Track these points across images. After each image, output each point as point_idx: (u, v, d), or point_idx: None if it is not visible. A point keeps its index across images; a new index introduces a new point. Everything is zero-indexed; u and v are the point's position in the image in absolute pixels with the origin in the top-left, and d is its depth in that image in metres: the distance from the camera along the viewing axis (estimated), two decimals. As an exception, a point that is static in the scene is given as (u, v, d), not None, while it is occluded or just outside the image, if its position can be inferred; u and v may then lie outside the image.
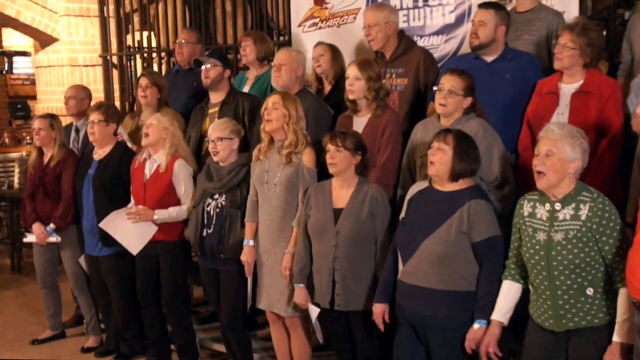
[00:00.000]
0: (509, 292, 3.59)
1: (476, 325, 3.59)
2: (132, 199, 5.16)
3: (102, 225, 5.10)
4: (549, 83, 4.36)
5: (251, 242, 4.58)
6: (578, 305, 3.34)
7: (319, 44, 5.50)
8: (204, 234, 4.74)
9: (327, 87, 5.41)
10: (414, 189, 3.89)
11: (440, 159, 3.69)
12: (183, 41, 6.24)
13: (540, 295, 3.43)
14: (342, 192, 4.18)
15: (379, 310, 3.89)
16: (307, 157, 4.41)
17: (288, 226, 4.42)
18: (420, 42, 5.38)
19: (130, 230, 5.01)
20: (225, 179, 4.70)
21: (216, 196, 4.74)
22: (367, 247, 4.07)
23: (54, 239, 5.65)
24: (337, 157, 4.11)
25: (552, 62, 4.35)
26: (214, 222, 4.71)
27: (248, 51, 5.75)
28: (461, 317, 3.61)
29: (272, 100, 4.46)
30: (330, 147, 4.13)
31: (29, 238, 5.75)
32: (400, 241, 3.80)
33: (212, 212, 4.73)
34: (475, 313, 3.60)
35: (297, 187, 4.41)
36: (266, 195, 4.49)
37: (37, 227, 5.65)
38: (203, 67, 5.29)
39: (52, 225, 5.60)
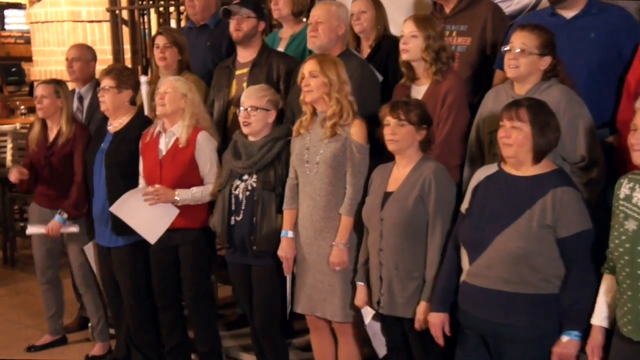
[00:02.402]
0: (610, 289, 3.53)
1: (565, 338, 3.58)
2: (141, 180, 5.21)
3: (113, 209, 5.13)
4: None
5: (290, 234, 4.63)
6: None
7: None
8: (232, 222, 4.79)
9: (366, 51, 5.43)
10: (480, 174, 3.89)
11: (517, 139, 3.67)
12: None
13: (622, 294, 3.41)
14: (400, 172, 4.20)
15: (438, 321, 3.91)
16: (356, 130, 4.43)
17: (335, 214, 4.46)
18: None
19: (147, 214, 5.04)
20: (257, 156, 4.73)
21: (245, 177, 4.78)
22: (417, 239, 4.08)
23: (75, 228, 5.67)
24: (400, 132, 4.12)
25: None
26: (243, 208, 4.76)
27: (281, 4, 5.78)
28: (544, 326, 3.61)
29: (308, 68, 4.50)
30: (391, 120, 4.13)
31: (32, 229, 5.78)
32: (466, 237, 3.80)
33: (240, 195, 4.77)
34: (564, 323, 3.59)
35: (344, 166, 4.45)
36: (307, 177, 4.53)
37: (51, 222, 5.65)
38: (232, 18, 5.34)
39: (64, 215, 5.62)
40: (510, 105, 3.76)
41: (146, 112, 5.59)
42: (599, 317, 3.55)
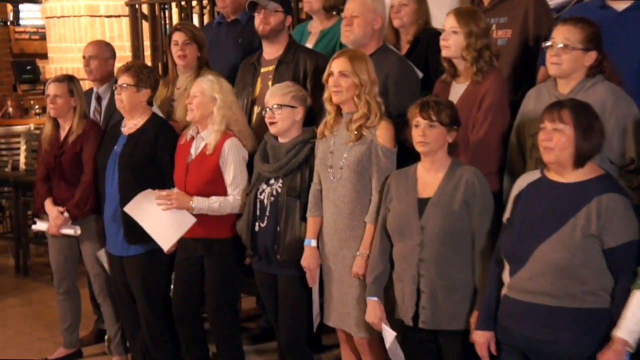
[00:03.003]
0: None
1: None
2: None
3: (127, 209, 5.14)
4: None
5: (313, 243, 4.65)
6: None
7: None
8: (256, 228, 4.82)
9: (405, 47, 5.43)
10: (522, 182, 3.88)
11: (558, 142, 3.65)
12: None
13: None
14: (429, 177, 4.18)
15: (483, 340, 3.89)
16: (382, 133, 4.43)
17: (359, 222, 4.47)
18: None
19: (162, 218, 5.06)
20: (283, 160, 4.75)
21: (271, 181, 4.81)
22: (462, 247, 4.07)
23: (71, 231, 5.72)
24: (431, 134, 4.11)
25: None
26: (267, 214, 4.78)
27: None
28: (591, 343, 3.58)
29: (338, 67, 4.49)
30: (421, 121, 4.12)
31: (39, 225, 5.85)
32: (507, 247, 3.79)
33: (265, 201, 4.80)
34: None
35: (369, 171, 4.45)
36: (331, 183, 4.54)
37: (51, 209, 5.73)
38: (258, 12, 5.35)
39: (66, 214, 5.67)
40: (552, 106, 3.73)
41: None
42: (626, 330, 3.52)
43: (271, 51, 5.43)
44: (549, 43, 4.14)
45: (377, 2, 5.06)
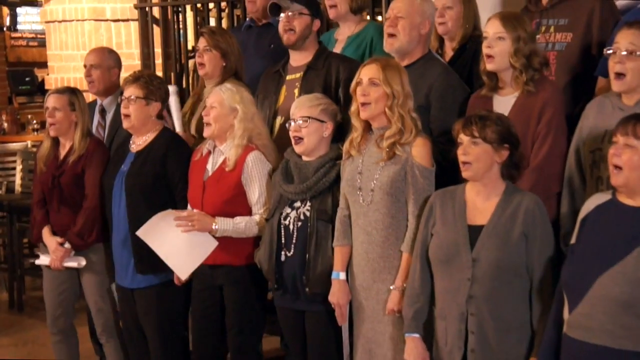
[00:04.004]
0: None
1: None
2: (189, 205, 5.24)
3: (140, 233, 5.13)
4: None
5: (342, 275, 4.64)
6: None
7: None
8: (282, 258, 4.82)
9: (449, 54, 5.44)
10: (590, 204, 3.85)
11: (629, 160, 3.63)
12: None
13: None
14: (480, 202, 4.17)
15: None
16: (419, 150, 4.42)
17: (394, 251, 4.46)
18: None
19: (179, 243, 5.05)
20: (311, 180, 4.75)
21: (297, 204, 4.81)
22: (519, 283, 4.05)
23: (74, 263, 5.70)
24: (473, 152, 4.09)
25: None
26: (294, 242, 4.78)
27: (338, 0, 5.80)
28: None
29: (368, 74, 4.50)
30: (464, 137, 4.12)
31: (42, 260, 5.80)
32: (566, 277, 3.77)
33: (291, 226, 4.80)
34: None
35: (405, 193, 4.44)
36: (361, 207, 4.52)
37: (50, 240, 5.73)
38: (282, 15, 5.36)
39: (67, 245, 5.67)
40: (628, 119, 3.71)
41: (177, 129, 5.65)
42: None
43: (299, 58, 5.44)
44: (611, 50, 4.13)
45: (427, 3, 5.07)
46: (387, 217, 4.46)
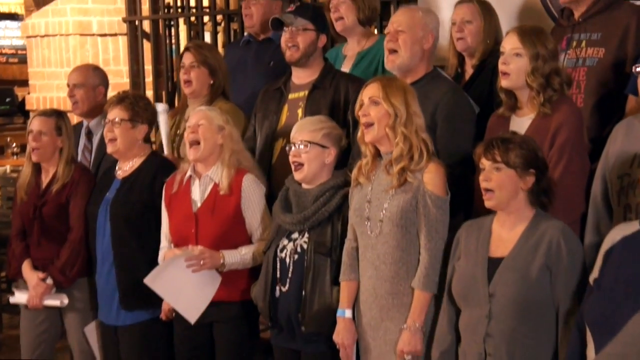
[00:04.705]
0: None
1: None
2: (163, 240, 5.25)
3: (148, 281, 5.11)
4: None
5: (348, 313, 4.62)
6: None
7: (465, 1, 5.52)
8: (277, 293, 4.82)
9: (470, 72, 5.44)
10: (615, 235, 3.85)
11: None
12: None
13: None
14: (505, 232, 4.17)
15: None
16: (431, 177, 4.41)
17: (405, 287, 4.44)
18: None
19: (187, 285, 5.05)
20: (310, 209, 4.76)
21: (295, 235, 4.81)
22: (541, 321, 4.04)
23: (56, 301, 5.68)
24: (496, 179, 4.10)
25: None
26: (290, 276, 4.78)
27: (344, 11, 5.81)
28: None
29: (368, 93, 4.51)
30: (485, 162, 4.12)
31: (18, 297, 5.78)
32: (591, 315, 3.76)
33: (288, 259, 4.80)
34: None
35: (416, 225, 4.43)
36: (369, 239, 4.52)
37: (30, 275, 5.70)
38: (285, 30, 5.35)
39: (49, 280, 5.64)
40: None
41: (166, 152, 5.66)
42: None
43: (303, 75, 5.44)
44: (638, 68, 4.16)
45: (429, 16, 5.10)
46: (397, 251, 4.45)
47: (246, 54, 6.29)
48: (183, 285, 5.06)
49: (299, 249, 4.78)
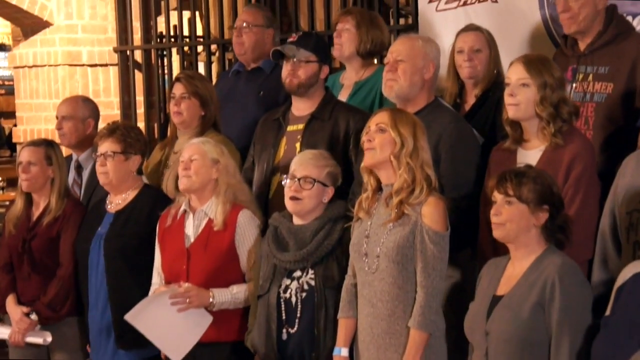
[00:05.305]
0: None
1: None
2: (155, 276, 5.23)
3: (129, 317, 5.09)
4: None
5: (344, 352, 4.60)
6: None
7: (473, 29, 5.56)
8: (284, 336, 4.77)
9: (470, 101, 5.46)
10: (627, 272, 3.85)
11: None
12: (244, 24, 6.35)
13: None
14: (515, 269, 4.16)
15: None
16: (430, 211, 4.38)
17: (402, 327, 4.41)
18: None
19: (172, 323, 5.01)
20: (312, 245, 4.74)
21: (297, 273, 4.78)
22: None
23: (39, 339, 5.62)
24: (507, 213, 4.09)
25: None
26: (299, 315, 4.75)
27: (345, 39, 5.84)
28: None
29: (376, 120, 4.51)
30: (497, 196, 4.11)
31: (0, 332, 5.74)
32: (596, 353, 3.76)
33: (294, 299, 4.76)
34: None
35: (413, 261, 4.40)
36: (367, 276, 4.49)
37: (14, 309, 5.67)
38: (286, 62, 5.32)
39: (33, 316, 5.61)
40: None
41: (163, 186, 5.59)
42: None
43: (302, 106, 5.41)
44: None
45: (430, 45, 5.09)
46: (394, 288, 4.42)
47: (236, 84, 6.28)
48: (168, 323, 5.03)
49: (305, 287, 4.75)
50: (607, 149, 4.81)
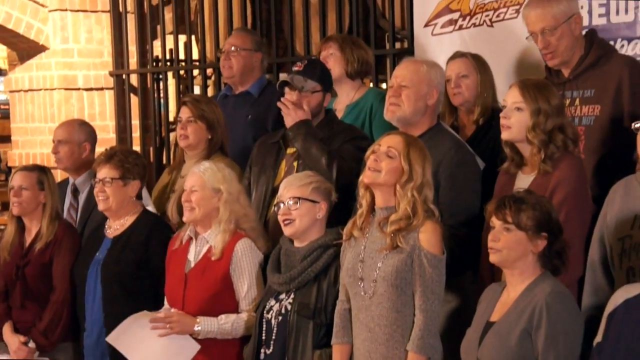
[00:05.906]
0: None
1: None
2: (166, 301, 5.24)
3: (110, 339, 5.12)
4: None
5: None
6: None
7: (459, 56, 5.60)
8: (262, 355, 4.80)
9: (469, 128, 5.49)
10: (618, 297, 3.85)
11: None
12: (232, 48, 6.43)
13: None
14: (509, 295, 4.18)
15: None
16: (427, 236, 4.38)
17: (400, 351, 4.39)
18: (627, 50, 5.44)
19: (155, 349, 5.00)
20: (296, 270, 4.75)
21: (282, 296, 4.81)
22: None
23: None
24: (504, 239, 4.09)
25: None
26: (274, 337, 4.77)
27: (332, 63, 5.88)
28: None
29: (388, 142, 4.49)
30: (495, 221, 4.12)
31: None
32: None
33: (273, 320, 4.79)
34: None
35: (412, 285, 4.40)
36: (363, 301, 4.49)
37: (11, 338, 5.68)
38: (291, 91, 5.29)
39: (31, 344, 5.63)
40: None
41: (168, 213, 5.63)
42: None
43: None
44: (639, 124, 4.17)
45: (434, 71, 5.09)
46: (392, 312, 4.41)
47: (224, 109, 6.17)
48: (149, 348, 5.03)
49: (283, 310, 4.77)
50: (600, 171, 4.82)
